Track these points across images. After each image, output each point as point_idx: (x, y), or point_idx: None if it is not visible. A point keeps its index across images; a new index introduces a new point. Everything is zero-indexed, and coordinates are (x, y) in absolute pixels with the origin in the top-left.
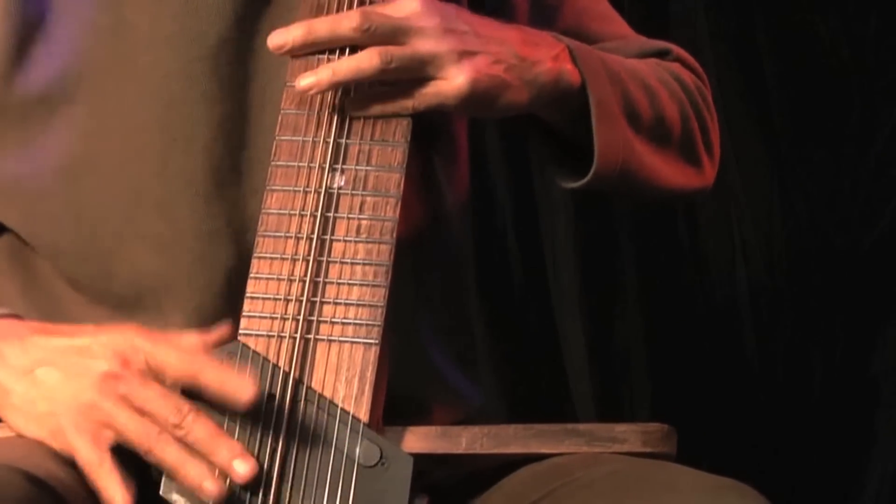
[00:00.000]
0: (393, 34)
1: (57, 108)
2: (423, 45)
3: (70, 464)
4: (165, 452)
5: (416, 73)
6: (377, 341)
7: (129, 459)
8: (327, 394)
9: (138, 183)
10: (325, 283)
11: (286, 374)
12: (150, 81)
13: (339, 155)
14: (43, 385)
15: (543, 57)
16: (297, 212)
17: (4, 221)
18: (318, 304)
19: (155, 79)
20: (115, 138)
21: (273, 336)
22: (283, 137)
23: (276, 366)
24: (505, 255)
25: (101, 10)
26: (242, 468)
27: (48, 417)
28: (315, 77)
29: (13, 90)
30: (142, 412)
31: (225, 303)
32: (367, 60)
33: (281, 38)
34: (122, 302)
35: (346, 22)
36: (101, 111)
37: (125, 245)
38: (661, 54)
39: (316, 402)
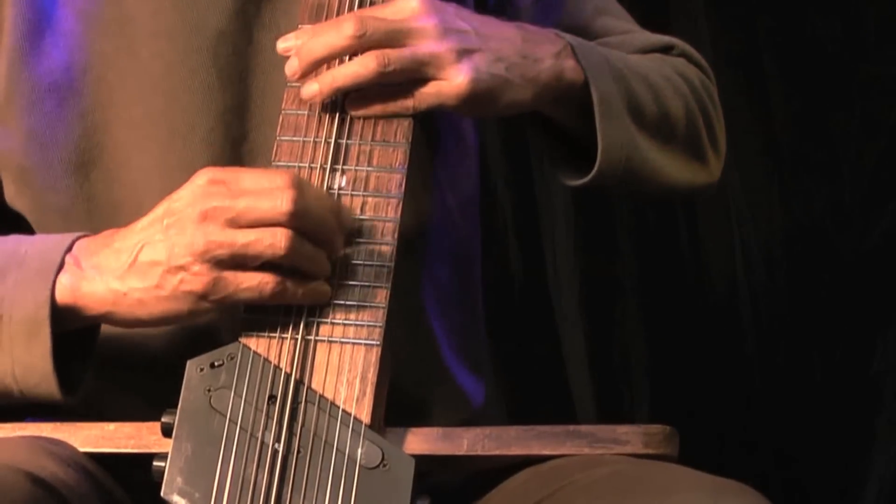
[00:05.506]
0: (390, 37)
1: (64, 100)
2: (422, 47)
3: (73, 465)
4: (289, 244)
5: (415, 74)
6: (378, 342)
7: (128, 462)
8: (328, 395)
9: (142, 175)
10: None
11: (287, 376)
12: (151, 73)
13: (339, 155)
14: (153, 264)
15: (545, 54)
16: None
17: (17, 208)
18: (319, 304)
19: (156, 70)
20: (119, 131)
21: (274, 337)
22: (283, 138)
23: (277, 367)
24: (505, 255)
25: (103, 2)
26: None
27: (183, 286)
28: (317, 85)
29: (22, 78)
30: (252, 223)
31: None
32: (364, 66)
33: (288, 43)
34: None
35: (343, 30)
36: (105, 103)
37: None
38: (666, 49)
39: (317, 404)
